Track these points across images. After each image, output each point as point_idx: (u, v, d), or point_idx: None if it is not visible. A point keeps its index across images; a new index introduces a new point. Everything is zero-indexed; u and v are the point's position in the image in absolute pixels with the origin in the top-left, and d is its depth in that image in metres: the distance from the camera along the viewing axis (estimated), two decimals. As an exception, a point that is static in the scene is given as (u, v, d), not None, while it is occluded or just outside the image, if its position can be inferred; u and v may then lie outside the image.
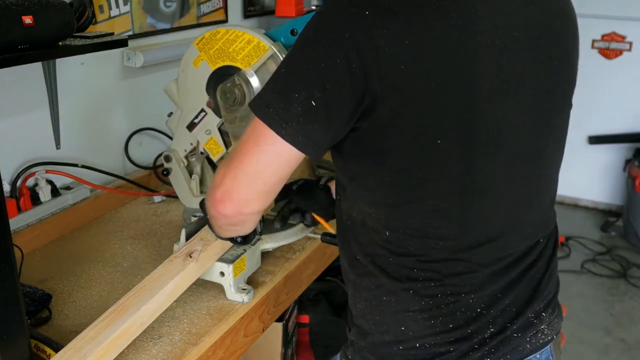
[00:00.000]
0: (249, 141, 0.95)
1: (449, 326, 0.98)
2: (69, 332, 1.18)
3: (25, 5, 1.14)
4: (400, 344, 1.00)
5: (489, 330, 0.99)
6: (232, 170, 0.96)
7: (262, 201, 0.99)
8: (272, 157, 0.93)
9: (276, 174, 0.95)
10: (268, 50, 1.37)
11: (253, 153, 0.93)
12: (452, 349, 0.98)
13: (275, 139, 0.90)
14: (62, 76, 1.56)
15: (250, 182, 0.95)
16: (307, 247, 1.51)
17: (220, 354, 1.21)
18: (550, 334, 1.06)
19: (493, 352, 1.00)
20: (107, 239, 1.56)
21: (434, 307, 0.98)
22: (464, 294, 0.98)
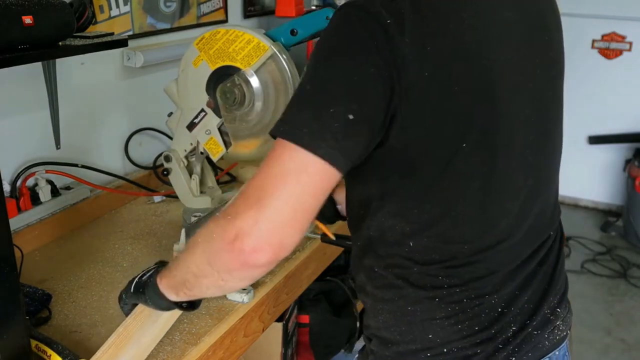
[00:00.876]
0: (278, 175, 0.83)
1: (474, 329, 0.98)
2: (69, 332, 1.18)
3: (25, 5, 1.14)
4: (428, 351, 1.00)
5: (510, 329, 1.00)
6: (266, 211, 0.81)
7: (299, 239, 0.86)
8: (312, 185, 0.83)
9: (318, 204, 0.84)
10: (268, 50, 1.37)
11: (289, 185, 0.82)
12: (479, 350, 0.98)
13: (313, 163, 0.81)
14: (62, 76, 1.56)
15: (291, 220, 0.82)
16: (307, 247, 1.51)
17: (220, 354, 1.21)
18: (565, 329, 1.07)
19: (517, 352, 1.00)
20: (107, 239, 1.56)
21: (459, 312, 0.98)
22: (487, 296, 0.99)
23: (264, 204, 0.81)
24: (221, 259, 0.85)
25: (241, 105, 1.43)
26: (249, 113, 1.44)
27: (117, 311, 1.24)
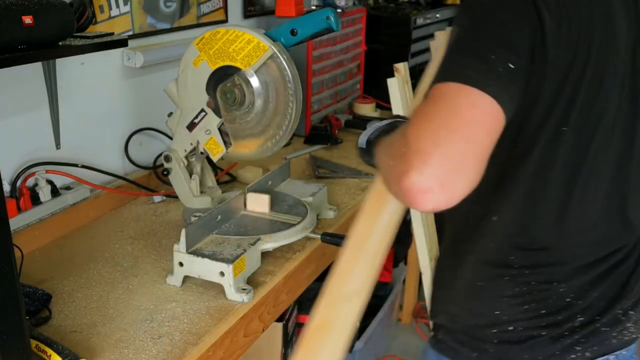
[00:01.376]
0: (449, 113, 0.77)
1: (540, 312, 1.01)
2: (69, 332, 1.18)
3: (25, 5, 1.14)
4: (494, 327, 1.03)
5: (577, 320, 1.02)
6: (439, 149, 0.73)
7: (476, 182, 0.77)
8: (485, 121, 0.78)
9: (490, 145, 0.78)
10: (268, 50, 1.38)
11: (462, 121, 0.76)
12: (543, 333, 1.01)
13: (483, 100, 0.78)
14: (62, 76, 1.56)
15: (472, 163, 0.76)
16: (307, 247, 1.51)
17: (220, 354, 1.21)
18: (636, 332, 1.08)
19: (582, 342, 1.02)
20: (107, 239, 1.56)
21: (527, 294, 1.01)
22: (556, 283, 1.01)
23: (437, 139, 0.74)
24: (398, 179, 0.77)
25: (241, 105, 1.43)
26: (249, 113, 1.44)
27: (117, 311, 1.25)
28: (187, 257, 1.29)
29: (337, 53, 2.47)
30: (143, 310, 1.25)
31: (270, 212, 1.53)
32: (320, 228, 1.58)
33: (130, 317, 1.23)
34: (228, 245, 1.34)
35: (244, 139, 1.49)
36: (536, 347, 1.02)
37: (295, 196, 1.62)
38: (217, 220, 1.41)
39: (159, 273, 1.39)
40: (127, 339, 1.16)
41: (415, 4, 3.32)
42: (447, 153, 0.74)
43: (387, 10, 2.98)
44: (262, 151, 1.50)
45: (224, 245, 1.33)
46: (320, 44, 2.32)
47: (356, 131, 2.45)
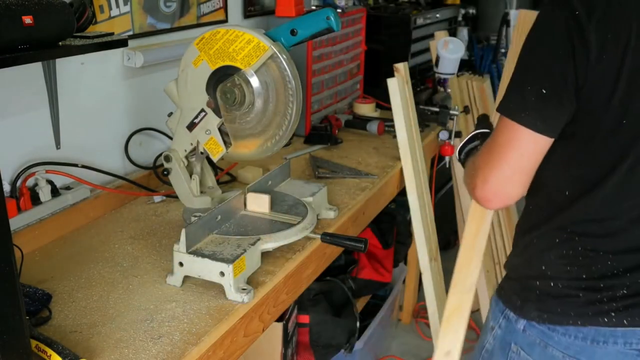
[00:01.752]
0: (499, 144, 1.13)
1: (582, 276, 1.18)
2: (69, 332, 1.18)
3: (25, 5, 1.14)
4: (539, 279, 1.23)
5: (621, 291, 1.15)
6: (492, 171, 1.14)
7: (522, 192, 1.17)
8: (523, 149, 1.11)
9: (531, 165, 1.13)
10: (268, 50, 1.37)
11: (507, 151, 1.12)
12: (580, 294, 1.18)
13: (521, 132, 1.10)
14: (62, 76, 1.56)
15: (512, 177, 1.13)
16: (307, 247, 1.51)
17: (220, 354, 1.21)
18: None
19: (620, 310, 1.15)
20: (107, 239, 1.56)
21: (572, 257, 1.18)
22: (602, 253, 1.16)
23: (490, 166, 1.14)
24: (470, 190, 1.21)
25: (241, 105, 1.43)
26: (249, 113, 1.44)
27: (117, 311, 1.25)
28: (187, 257, 1.29)
29: (337, 53, 2.47)
30: (143, 310, 1.25)
31: (270, 212, 1.53)
32: (320, 228, 1.58)
33: (130, 317, 1.23)
34: (228, 245, 1.34)
35: (244, 139, 1.49)
36: (571, 305, 1.19)
37: (295, 196, 1.62)
38: (217, 220, 1.41)
39: (159, 273, 1.39)
40: (127, 339, 1.16)
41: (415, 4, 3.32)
42: (497, 175, 1.13)
43: (387, 10, 2.99)
44: (262, 151, 1.50)
45: (224, 245, 1.33)
46: (320, 44, 2.32)
47: (356, 131, 2.46)
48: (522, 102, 1.10)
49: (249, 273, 1.33)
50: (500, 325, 1.32)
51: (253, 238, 1.37)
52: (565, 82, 1.07)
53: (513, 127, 1.11)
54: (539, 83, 1.09)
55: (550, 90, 1.08)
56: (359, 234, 1.86)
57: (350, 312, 2.17)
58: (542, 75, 1.09)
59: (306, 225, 1.49)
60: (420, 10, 3.04)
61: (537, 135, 1.09)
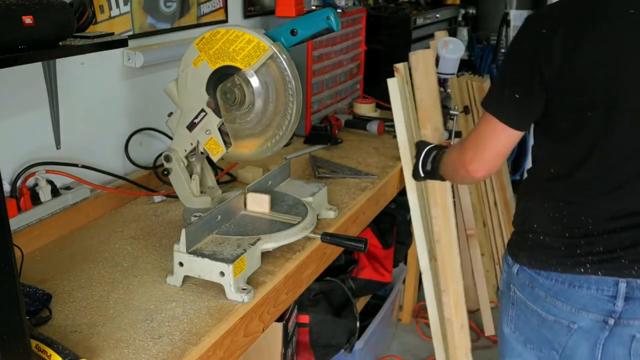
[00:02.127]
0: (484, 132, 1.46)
1: (565, 234, 1.43)
2: (69, 332, 1.18)
3: (25, 5, 1.14)
4: (530, 233, 1.50)
5: (598, 249, 1.40)
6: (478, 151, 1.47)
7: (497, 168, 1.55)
8: (501, 138, 1.43)
9: (507, 150, 1.47)
10: (268, 50, 1.37)
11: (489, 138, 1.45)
12: (562, 248, 1.44)
13: (500, 126, 1.41)
14: (62, 76, 1.56)
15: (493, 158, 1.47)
16: (307, 247, 1.51)
17: (220, 354, 1.21)
18: None
19: (596, 263, 1.40)
20: (107, 239, 1.56)
21: (557, 219, 1.44)
22: (584, 218, 1.41)
23: (478, 148, 1.47)
24: (459, 172, 1.56)
25: (241, 105, 1.43)
26: (249, 113, 1.44)
27: (117, 311, 1.25)
28: (187, 257, 1.29)
29: (337, 53, 2.47)
30: (143, 310, 1.25)
31: (270, 212, 1.53)
32: (320, 228, 1.58)
33: (130, 317, 1.23)
34: (228, 245, 1.34)
35: (244, 139, 1.49)
36: (554, 253, 1.45)
37: (295, 196, 1.62)
38: (217, 220, 1.41)
39: (159, 273, 1.39)
40: (127, 339, 1.16)
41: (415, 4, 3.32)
42: (482, 155, 1.48)
43: (387, 10, 2.99)
44: (262, 151, 1.50)
45: (224, 245, 1.33)
46: (320, 44, 2.32)
47: (356, 131, 2.46)
48: (501, 103, 1.42)
49: (249, 273, 1.33)
50: (505, 270, 1.63)
51: (253, 238, 1.37)
52: (534, 89, 1.36)
53: (493, 120, 1.42)
54: (514, 89, 1.39)
55: (522, 95, 1.38)
56: (359, 234, 1.86)
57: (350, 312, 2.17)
58: (516, 83, 1.39)
59: (306, 225, 1.49)
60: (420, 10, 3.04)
61: (511, 129, 1.41)
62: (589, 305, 1.42)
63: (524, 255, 1.52)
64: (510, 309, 1.61)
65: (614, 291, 1.40)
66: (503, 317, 1.66)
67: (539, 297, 1.49)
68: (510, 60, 1.45)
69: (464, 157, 1.51)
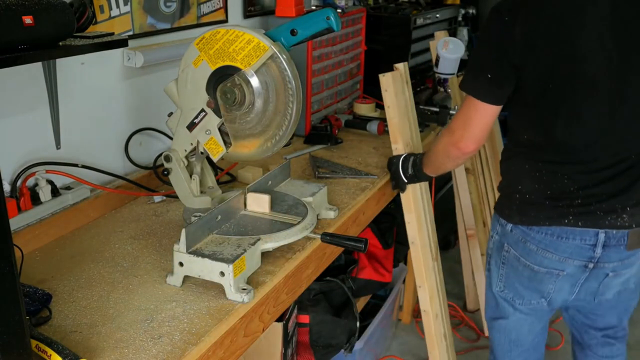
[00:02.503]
0: (468, 111, 1.63)
1: (547, 192, 1.63)
2: (69, 332, 1.19)
3: (25, 5, 1.14)
4: (518, 194, 1.69)
5: (575, 202, 1.61)
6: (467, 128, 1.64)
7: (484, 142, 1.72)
8: (483, 114, 1.61)
9: (489, 125, 1.64)
10: (268, 50, 1.37)
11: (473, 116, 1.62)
12: (547, 202, 1.64)
13: (480, 104, 1.59)
14: (62, 76, 1.56)
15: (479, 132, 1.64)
16: (307, 247, 1.51)
17: (220, 354, 1.21)
18: (630, 222, 1.61)
19: (576, 215, 1.61)
20: (107, 239, 1.56)
21: (537, 178, 1.64)
22: (560, 175, 1.61)
23: (465, 126, 1.64)
24: (451, 153, 1.71)
25: (241, 105, 1.43)
26: (249, 113, 1.44)
27: (117, 311, 1.25)
28: (187, 257, 1.29)
29: (337, 53, 2.47)
30: (143, 310, 1.25)
31: (270, 212, 1.53)
32: (320, 228, 1.59)
33: (130, 317, 1.23)
34: (228, 245, 1.34)
35: (244, 139, 1.49)
36: (541, 209, 1.65)
37: (295, 196, 1.62)
38: (217, 220, 1.41)
39: (159, 273, 1.39)
40: (127, 339, 1.16)
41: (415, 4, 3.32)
42: (470, 132, 1.64)
43: (387, 10, 2.98)
44: (262, 151, 1.50)
45: (224, 245, 1.33)
46: (320, 44, 2.32)
47: (356, 131, 2.46)
48: (477, 84, 1.60)
49: (249, 273, 1.33)
50: (497, 232, 1.80)
51: (253, 238, 1.37)
52: (502, 69, 1.56)
53: (474, 101, 1.60)
54: (486, 71, 1.58)
55: (493, 76, 1.57)
56: (359, 234, 1.86)
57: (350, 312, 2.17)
58: (487, 66, 1.59)
59: (306, 225, 1.49)
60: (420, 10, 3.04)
61: (489, 105, 1.59)
62: (574, 253, 1.64)
63: (515, 214, 1.70)
64: (501, 268, 1.81)
65: (595, 240, 1.61)
66: (493, 279, 1.85)
67: (531, 251, 1.69)
68: (480, 47, 1.65)
69: (454, 137, 1.66)
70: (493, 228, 1.83)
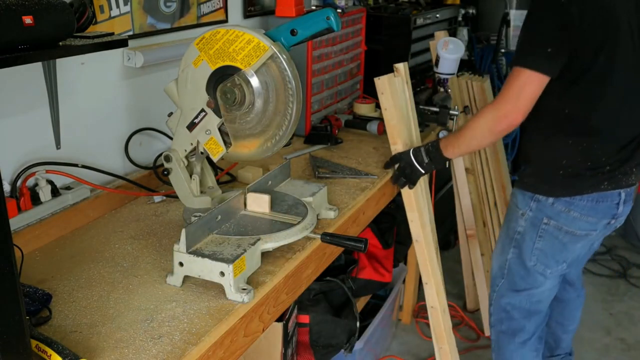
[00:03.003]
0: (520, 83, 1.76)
1: (587, 163, 1.87)
2: (69, 332, 1.19)
3: (25, 5, 1.14)
4: (561, 169, 1.90)
5: (605, 169, 1.87)
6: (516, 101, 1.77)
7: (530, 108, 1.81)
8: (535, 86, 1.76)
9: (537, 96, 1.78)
10: (268, 50, 1.37)
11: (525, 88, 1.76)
12: (587, 173, 1.87)
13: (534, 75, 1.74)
14: (62, 76, 1.56)
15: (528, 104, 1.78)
16: (307, 247, 1.51)
17: (220, 354, 1.21)
18: (635, 180, 1.94)
19: (607, 179, 1.88)
20: (107, 239, 1.56)
21: (580, 151, 1.86)
22: (595, 147, 1.86)
23: (517, 98, 1.77)
24: (496, 128, 1.83)
25: (241, 105, 1.43)
26: (249, 113, 1.44)
27: (117, 311, 1.25)
28: (187, 257, 1.29)
29: (337, 53, 2.47)
30: (143, 310, 1.25)
31: (270, 212, 1.53)
32: (320, 228, 1.59)
33: (130, 317, 1.23)
34: (228, 245, 1.34)
35: (244, 139, 1.49)
36: (583, 180, 1.88)
37: (295, 196, 1.62)
38: (217, 220, 1.41)
39: (159, 273, 1.39)
40: (127, 339, 1.16)
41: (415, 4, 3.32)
42: (521, 104, 1.77)
43: (387, 10, 2.98)
44: (262, 151, 1.50)
45: (224, 245, 1.33)
46: (320, 44, 2.32)
47: (356, 131, 2.46)
48: (535, 57, 1.76)
49: (249, 273, 1.33)
50: (531, 209, 1.98)
51: (253, 238, 1.37)
52: (561, 44, 1.73)
53: (526, 72, 1.74)
54: (545, 46, 1.75)
55: (553, 49, 1.74)
56: (359, 234, 1.86)
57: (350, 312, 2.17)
58: (546, 41, 1.75)
59: (306, 225, 1.49)
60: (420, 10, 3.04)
61: (544, 77, 1.75)
62: (606, 214, 1.92)
63: (558, 188, 1.91)
64: (537, 242, 1.99)
65: (618, 199, 1.91)
66: (525, 254, 2.03)
67: (575, 219, 1.91)
68: (537, 24, 1.79)
69: (502, 111, 1.79)
70: (524, 206, 1.99)
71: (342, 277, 2.18)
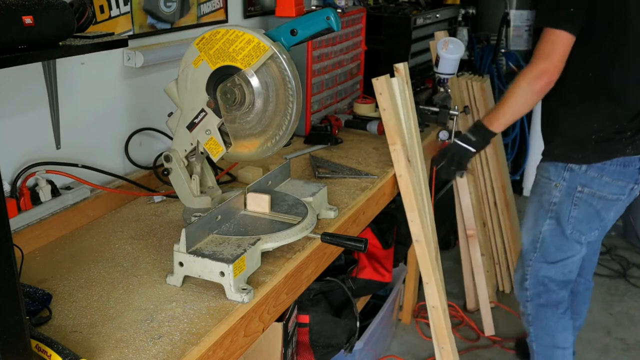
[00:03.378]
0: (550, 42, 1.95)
1: (615, 126, 2.03)
2: (69, 332, 1.19)
3: (25, 5, 1.14)
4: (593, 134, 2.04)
5: (628, 134, 2.03)
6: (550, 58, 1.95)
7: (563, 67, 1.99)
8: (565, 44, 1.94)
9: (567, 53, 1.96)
10: (268, 50, 1.37)
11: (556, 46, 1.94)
12: (616, 138, 2.02)
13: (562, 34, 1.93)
14: (62, 76, 1.56)
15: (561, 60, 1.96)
16: (307, 247, 1.51)
17: (220, 354, 1.21)
18: None
19: (630, 143, 2.03)
20: (107, 239, 1.56)
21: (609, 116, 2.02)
22: (620, 111, 2.02)
23: (550, 56, 1.95)
24: (535, 87, 1.99)
25: (241, 105, 1.43)
26: (249, 113, 1.44)
27: (117, 311, 1.25)
28: (187, 257, 1.29)
29: (337, 53, 2.47)
30: (143, 310, 1.25)
31: (270, 212, 1.53)
32: (320, 228, 1.59)
33: (130, 317, 1.23)
34: (228, 245, 1.34)
35: (244, 139, 1.49)
36: (613, 143, 2.03)
37: (295, 196, 1.62)
38: (217, 220, 1.41)
39: (159, 273, 1.39)
40: (127, 339, 1.16)
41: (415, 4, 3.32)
42: (554, 61, 1.95)
43: (387, 10, 2.98)
44: (262, 151, 1.49)
45: (224, 245, 1.33)
46: (320, 44, 2.32)
47: (356, 131, 2.46)
48: (560, 17, 1.93)
49: (249, 273, 1.33)
50: (564, 178, 2.11)
51: (253, 238, 1.37)
52: (582, 4, 1.90)
53: (555, 32, 1.92)
54: (569, 6, 1.92)
55: (575, 9, 1.91)
56: (359, 234, 1.86)
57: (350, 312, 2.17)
58: (569, 3, 1.92)
59: (306, 225, 1.49)
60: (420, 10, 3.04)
61: (570, 35, 1.92)
62: (632, 178, 2.05)
63: (591, 154, 2.04)
64: (572, 210, 2.12)
65: (639, 165, 2.04)
66: (563, 223, 2.15)
67: (607, 183, 2.04)
68: None
69: (538, 69, 1.96)
70: (556, 177, 2.12)
71: (342, 277, 2.18)
